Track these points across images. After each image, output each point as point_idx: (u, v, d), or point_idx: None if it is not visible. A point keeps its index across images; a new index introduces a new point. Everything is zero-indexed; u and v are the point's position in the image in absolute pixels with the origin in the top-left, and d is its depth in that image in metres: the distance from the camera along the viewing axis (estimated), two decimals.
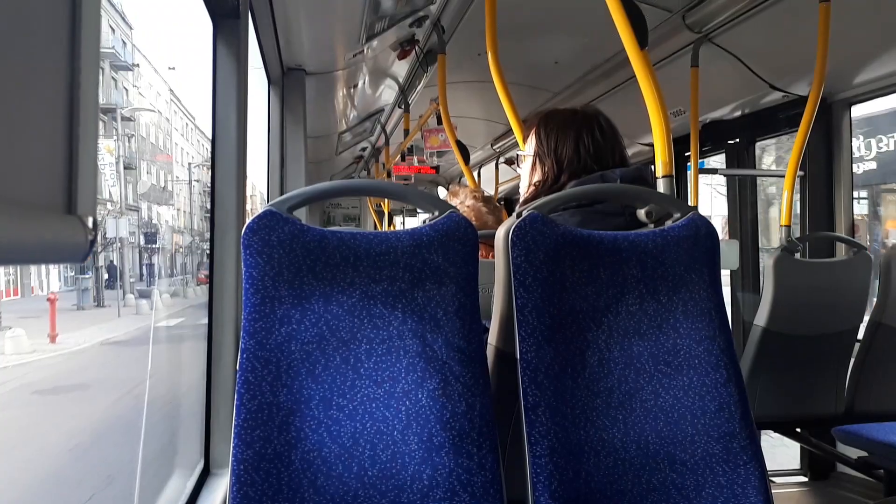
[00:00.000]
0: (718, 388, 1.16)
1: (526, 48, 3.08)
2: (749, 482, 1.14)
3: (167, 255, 27.57)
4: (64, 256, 0.48)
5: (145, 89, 28.08)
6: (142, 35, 28.18)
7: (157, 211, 28.55)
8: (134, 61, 26.31)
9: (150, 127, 28.97)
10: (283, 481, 1.02)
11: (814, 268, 2.48)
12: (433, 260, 1.11)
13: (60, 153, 0.47)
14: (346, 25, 2.66)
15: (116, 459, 5.66)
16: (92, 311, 14.87)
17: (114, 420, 6.87)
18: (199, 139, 36.69)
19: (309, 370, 1.06)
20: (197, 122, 36.04)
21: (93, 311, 15.01)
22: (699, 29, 2.53)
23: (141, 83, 27.61)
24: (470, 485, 1.06)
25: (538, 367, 1.10)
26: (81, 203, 0.48)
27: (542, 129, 1.56)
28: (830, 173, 2.87)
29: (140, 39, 27.28)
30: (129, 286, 19.45)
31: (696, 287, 1.20)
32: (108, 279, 18.16)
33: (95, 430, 6.56)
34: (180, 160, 33.09)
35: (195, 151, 36.04)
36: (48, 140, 0.47)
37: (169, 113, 32.02)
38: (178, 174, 31.76)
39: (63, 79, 0.49)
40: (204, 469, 1.63)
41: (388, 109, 4.52)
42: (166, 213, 29.69)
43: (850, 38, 2.35)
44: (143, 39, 28.72)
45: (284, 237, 1.07)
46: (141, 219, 25.99)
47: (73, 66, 0.50)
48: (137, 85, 27.30)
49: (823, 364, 2.46)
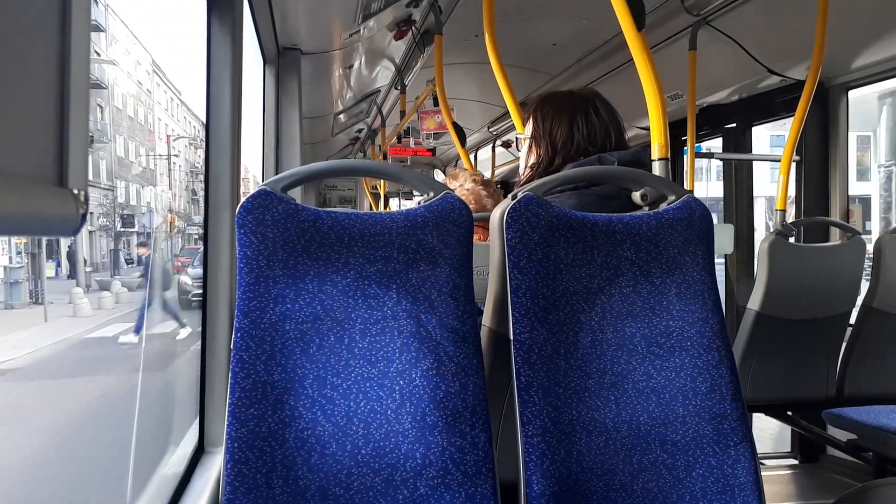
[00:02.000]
0: (710, 370, 1.17)
1: (524, 30, 3.06)
2: (739, 462, 1.15)
3: (151, 240, 26.03)
4: (54, 229, 0.48)
5: (122, 56, 25.59)
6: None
7: (136, 191, 26.67)
8: (106, 24, 24.26)
9: (128, 98, 26.60)
10: (276, 459, 1.03)
11: (807, 252, 2.49)
12: (427, 241, 1.12)
13: (52, 126, 0.47)
14: (343, 5, 2.64)
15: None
16: (22, 311, 11.63)
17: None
18: (185, 116, 34.61)
19: (303, 349, 1.07)
20: (183, 97, 33.78)
21: (25, 310, 11.79)
22: (697, 12, 2.52)
23: (116, 49, 25.07)
24: (462, 463, 1.07)
25: (531, 347, 1.11)
26: (72, 176, 0.48)
27: (538, 111, 1.56)
28: (826, 158, 2.87)
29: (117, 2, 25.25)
30: (85, 277, 16.51)
31: (690, 269, 1.20)
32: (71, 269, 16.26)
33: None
34: (164, 137, 30.95)
35: (181, 129, 33.85)
36: (40, 113, 0.47)
37: (151, 85, 29.71)
38: (160, 151, 29.71)
39: (54, 52, 0.49)
40: (198, 447, 1.64)
41: (384, 91, 4.49)
42: (149, 193, 27.92)
43: (848, 23, 2.34)
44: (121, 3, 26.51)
45: (279, 217, 1.07)
46: (116, 200, 24.23)
47: (64, 40, 0.50)
48: (98, 51, 23.99)
49: (815, 348, 2.48)
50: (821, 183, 2.87)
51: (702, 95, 3.11)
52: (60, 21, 0.49)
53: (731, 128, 3.35)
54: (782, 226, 2.41)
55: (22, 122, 0.45)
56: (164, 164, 29.26)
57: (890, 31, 2.34)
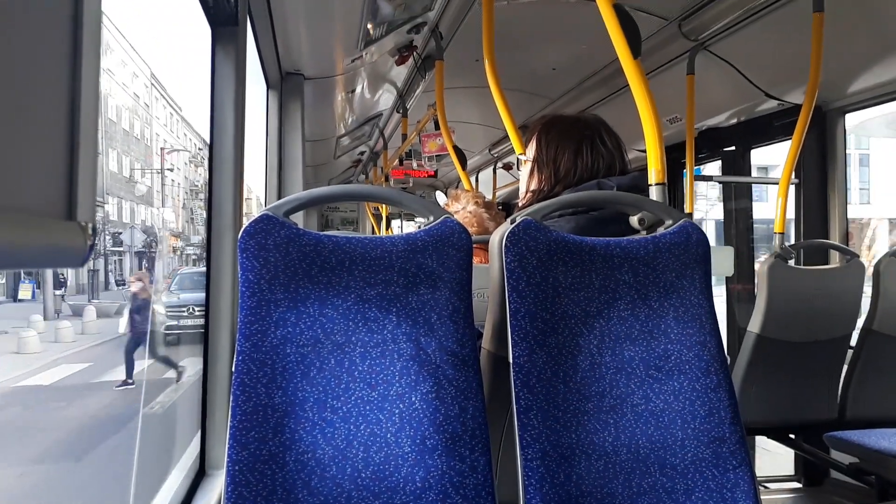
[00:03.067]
0: (708, 393, 1.18)
1: (524, 55, 3.10)
2: (738, 486, 1.15)
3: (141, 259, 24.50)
4: (63, 261, 0.49)
5: (117, 67, 24.12)
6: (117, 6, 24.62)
7: (131, 209, 24.90)
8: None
9: (123, 111, 24.95)
10: (277, 482, 1.03)
11: (807, 275, 2.49)
12: (427, 264, 1.13)
13: (61, 160, 0.49)
14: (345, 31, 2.68)
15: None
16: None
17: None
18: (185, 132, 32.99)
19: (304, 372, 1.08)
20: (183, 113, 32.79)
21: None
22: (695, 37, 2.56)
23: (112, 59, 24.52)
24: (462, 487, 1.08)
25: (530, 370, 1.12)
26: (81, 209, 0.49)
27: (543, 135, 1.54)
28: (825, 181, 2.89)
29: (113, 10, 24.35)
30: (53, 302, 13.06)
31: (687, 293, 1.21)
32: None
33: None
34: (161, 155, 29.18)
35: (180, 146, 32.20)
36: (50, 147, 0.48)
37: (150, 99, 28.03)
38: (157, 167, 27.76)
39: (64, 86, 0.51)
40: (199, 470, 1.64)
41: (386, 114, 4.54)
42: (144, 211, 26.08)
43: (844, 48, 2.37)
44: (118, 10, 25.26)
45: (280, 241, 1.08)
46: (107, 216, 22.57)
47: (74, 74, 0.51)
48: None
49: (816, 370, 2.48)
50: (819, 206, 2.89)
51: (700, 119, 3.14)
52: (71, 56, 0.51)
53: (729, 151, 3.38)
54: (781, 248, 2.42)
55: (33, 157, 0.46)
56: (158, 179, 27.54)
57: (886, 56, 2.37)
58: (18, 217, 0.42)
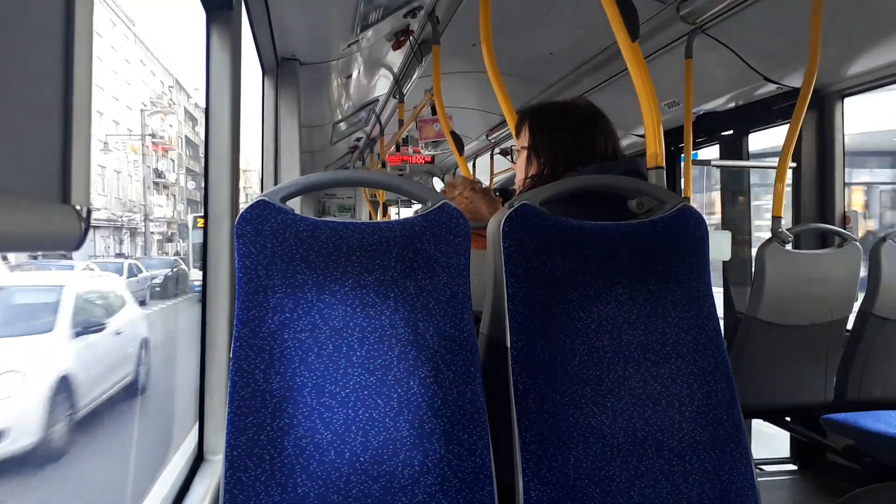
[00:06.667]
0: (706, 377, 1.18)
1: (521, 39, 3.08)
2: (735, 468, 1.16)
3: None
4: (58, 244, 0.49)
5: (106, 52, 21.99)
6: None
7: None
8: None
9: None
10: (275, 467, 1.04)
11: (803, 259, 2.50)
12: (425, 250, 1.13)
13: (56, 144, 0.48)
14: (341, 16, 2.66)
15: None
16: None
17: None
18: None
19: (301, 358, 1.08)
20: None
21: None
22: (693, 20, 2.54)
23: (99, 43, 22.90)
24: (460, 470, 1.08)
25: (528, 355, 1.12)
26: (75, 192, 0.49)
27: (535, 123, 1.55)
28: (822, 165, 2.89)
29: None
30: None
31: (685, 277, 1.22)
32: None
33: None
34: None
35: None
36: (44, 131, 0.48)
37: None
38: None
39: (57, 71, 0.50)
40: (198, 455, 1.65)
41: (382, 100, 4.51)
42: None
43: (843, 31, 2.36)
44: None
45: (277, 227, 1.08)
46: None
47: (67, 59, 0.51)
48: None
49: (813, 353, 2.49)
50: (817, 189, 2.89)
51: (698, 103, 3.13)
52: (64, 41, 0.51)
53: (727, 135, 3.37)
54: (778, 232, 2.42)
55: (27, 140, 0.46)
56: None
57: (885, 39, 2.36)
58: (13, 200, 0.42)
